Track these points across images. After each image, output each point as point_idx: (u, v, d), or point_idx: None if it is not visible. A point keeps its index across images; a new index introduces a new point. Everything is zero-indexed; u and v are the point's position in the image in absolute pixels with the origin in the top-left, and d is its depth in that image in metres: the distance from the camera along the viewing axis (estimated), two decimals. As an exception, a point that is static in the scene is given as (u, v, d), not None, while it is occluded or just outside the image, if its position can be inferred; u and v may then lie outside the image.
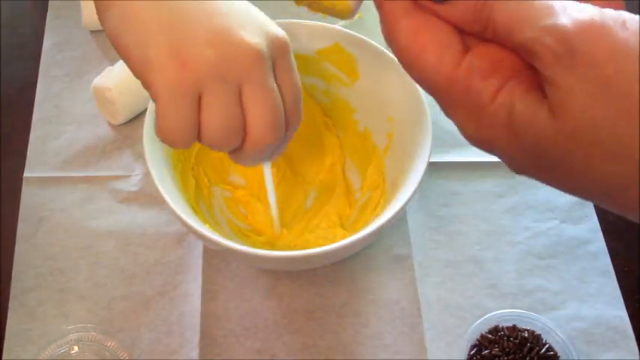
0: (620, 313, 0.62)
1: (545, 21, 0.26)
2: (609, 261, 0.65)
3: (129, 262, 0.63)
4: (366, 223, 0.58)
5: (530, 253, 0.65)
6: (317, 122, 0.67)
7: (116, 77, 0.68)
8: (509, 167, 0.30)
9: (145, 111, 0.57)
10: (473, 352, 0.58)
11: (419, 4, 0.30)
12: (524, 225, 0.66)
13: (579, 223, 0.67)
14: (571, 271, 0.64)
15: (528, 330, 0.59)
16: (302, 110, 0.46)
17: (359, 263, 0.63)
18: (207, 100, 0.39)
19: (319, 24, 0.61)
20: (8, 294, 0.60)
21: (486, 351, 0.58)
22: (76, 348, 0.57)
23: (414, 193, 0.54)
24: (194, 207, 0.59)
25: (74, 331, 0.58)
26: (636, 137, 0.25)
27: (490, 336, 0.58)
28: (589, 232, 0.66)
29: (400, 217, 0.65)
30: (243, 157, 0.44)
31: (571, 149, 0.26)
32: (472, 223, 0.66)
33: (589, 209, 0.67)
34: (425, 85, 0.30)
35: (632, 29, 0.25)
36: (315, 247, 0.52)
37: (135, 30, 0.39)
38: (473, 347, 0.58)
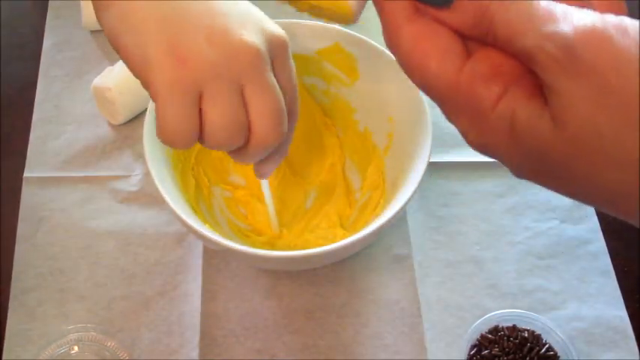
0: (620, 313, 0.62)
1: (546, 27, 0.26)
2: (609, 261, 0.65)
3: (129, 262, 0.63)
4: (366, 223, 0.58)
5: (530, 253, 0.65)
6: (317, 122, 0.67)
7: (116, 77, 0.68)
8: (511, 172, 0.30)
9: (145, 111, 0.57)
10: (473, 352, 0.58)
11: (420, 10, 0.30)
12: (524, 225, 0.66)
13: (579, 223, 0.67)
14: (571, 271, 0.64)
15: (528, 330, 0.59)
16: (299, 109, 0.47)
17: (359, 263, 0.63)
18: (208, 99, 0.39)
19: (319, 24, 0.61)
20: (8, 294, 0.60)
21: (486, 351, 0.58)
22: (76, 348, 0.57)
23: (414, 193, 0.54)
24: (194, 207, 0.59)
25: (74, 331, 0.58)
26: (637, 146, 0.25)
27: (490, 336, 0.58)
28: (589, 232, 0.66)
29: (400, 217, 0.65)
30: (247, 156, 0.44)
31: (573, 156, 0.26)
32: (472, 223, 0.66)
33: (589, 209, 0.67)
34: (427, 92, 0.30)
35: (633, 36, 0.25)
36: (315, 247, 0.52)
37: (134, 29, 0.39)
38: (473, 347, 0.58)
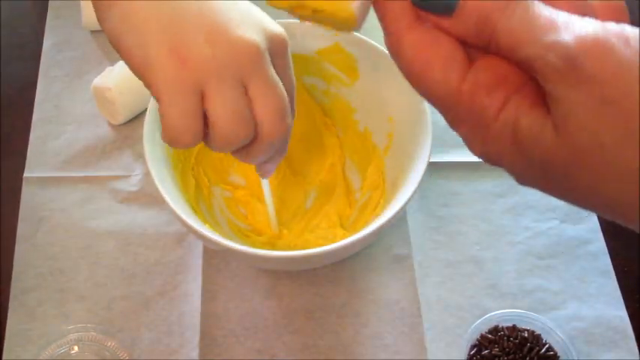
0: (620, 313, 0.62)
1: (548, 37, 0.26)
2: (609, 261, 0.65)
3: (129, 262, 0.63)
4: (366, 223, 0.58)
5: (530, 253, 0.65)
6: (317, 122, 0.67)
7: (116, 77, 0.68)
8: (515, 180, 0.30)
9: (145, 111, 0.57)
10: (473, 352, 0.58)
11: (422, 18, 0.29)
12: (524, 225, 0.66)
13: (579, 223, 0.67)
14: (571, 271, 0.64)
15: (528, 330, 0.59)
16: (295, 108, 0.47)
17: (359, 263, 0.63)
18: (211, 98, 0.39)
19: (319, 24, 0.61)
20: (8, 294, 0.60)
21: (486, 351, 0.58)
22: (76, 348, 0.57)
23: (414, 193, 0.54)
24: (194, 207, 0.59)
25: (74, 331, 0.58)
26: (637, 156, 0.25)
27: (490, 336, 0.58)
28: (589, 232, 0.66)
29: (400, 217, 0.65)
30: (254, 153, 0.43)
31: (574, 165, 0.26)
32: (472, 223, 0.66)
33: (589, 209, 0.67)
34: (430, 100, 0.30)
35: (634, 46, 0.25)
36: (315, 247, 0.52)
37: (135, 30, 0.39)
38: (473, 347, 0.58)
